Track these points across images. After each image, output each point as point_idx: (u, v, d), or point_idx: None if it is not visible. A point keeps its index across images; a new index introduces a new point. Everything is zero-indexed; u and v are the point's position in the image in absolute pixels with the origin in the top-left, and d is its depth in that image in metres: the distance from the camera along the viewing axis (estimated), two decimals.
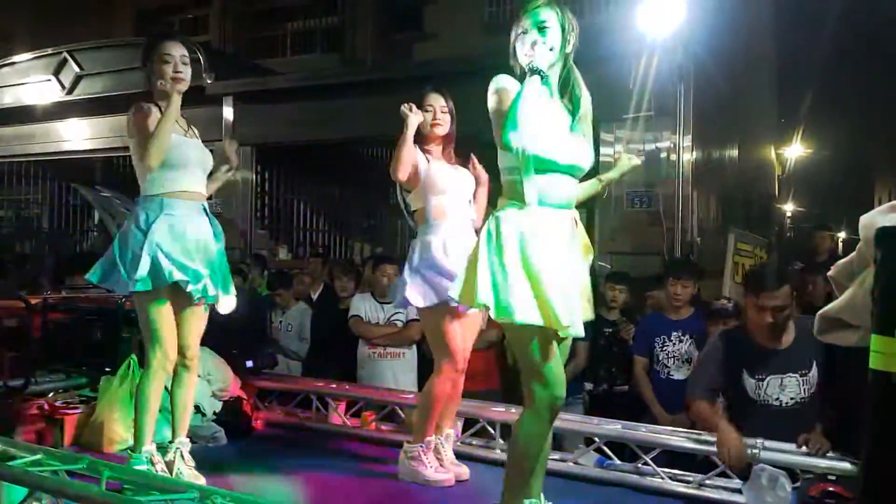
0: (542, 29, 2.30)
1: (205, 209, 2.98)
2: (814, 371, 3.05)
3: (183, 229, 2.83)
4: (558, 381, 2.27)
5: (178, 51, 2.90)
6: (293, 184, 10.29)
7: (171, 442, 2.98)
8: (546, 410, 2.27)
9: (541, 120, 2.25)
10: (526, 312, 2.15)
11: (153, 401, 2.85)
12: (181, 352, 2.94)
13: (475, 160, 3.20)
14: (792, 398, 3.05)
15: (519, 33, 2.34)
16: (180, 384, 2.99)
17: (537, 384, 2.26)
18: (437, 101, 3.16)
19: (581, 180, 2.45)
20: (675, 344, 4.04)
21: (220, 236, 3.00)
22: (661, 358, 4.06)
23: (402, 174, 3.02)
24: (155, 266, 2.74)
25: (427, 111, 3.14)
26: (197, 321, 2.98)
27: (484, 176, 3.19)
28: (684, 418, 3.47)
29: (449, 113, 3.17)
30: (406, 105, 3.06)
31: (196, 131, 3.07)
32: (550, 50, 2.30)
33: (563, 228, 2.29)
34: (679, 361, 4.03)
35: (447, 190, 3.07)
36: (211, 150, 3.09)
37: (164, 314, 2.83)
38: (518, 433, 2.33)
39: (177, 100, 2.81)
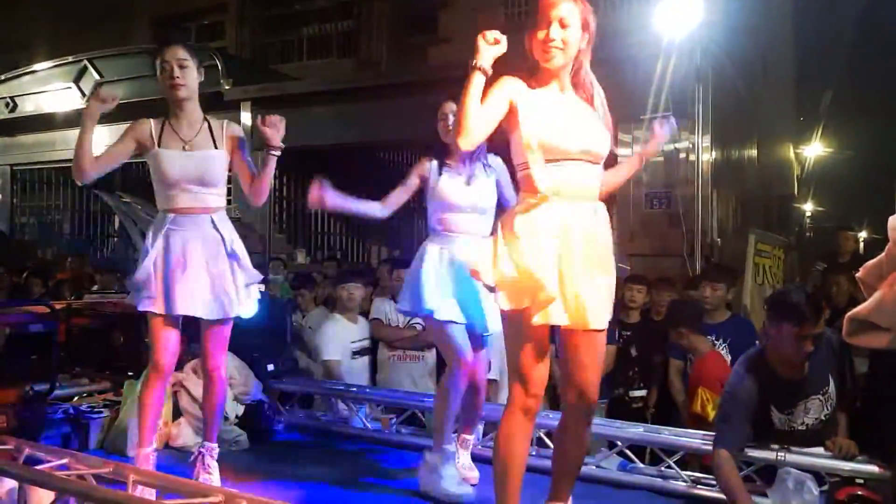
0: (563, 25, 2.22)
1: (212, 221, 2.85)
2: (831, 385, 2.94)
3: (180, 250, 2.80)
4: (533, 381, 2.17)
5: (174, 55, 2.81)
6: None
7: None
8: (520, 411, 2.19)
9: (546, 111, 2.20)
10: (506, 300, 2.14)
11: (145, 405, 2.84)
12: (201, 362, 2.98)
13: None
14: (815, 418, 2.94)
15: (537, 26, 2.24)
16: (205, 392, 3.00)
17: (514, 381, 2.20)
18: (451, 108, 3.01)
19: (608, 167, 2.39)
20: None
21: (231, 246, 2.85)
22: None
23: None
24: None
25: (441, 120, 3.09)
26: (211, 332, 2.87)
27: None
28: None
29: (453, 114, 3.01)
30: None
31: (210, 138, 2.89)
32: (563, 48, 2.22)
33: (569, 221, 2.16)
34: None
35: (454, 207, 3.00)
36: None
37: (156, 327, 2.80)
38: (497, 433, 2.26)
39: (92, 114, 2.83)
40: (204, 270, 2.80)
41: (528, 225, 2.15)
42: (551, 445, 2.84)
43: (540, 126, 2.19)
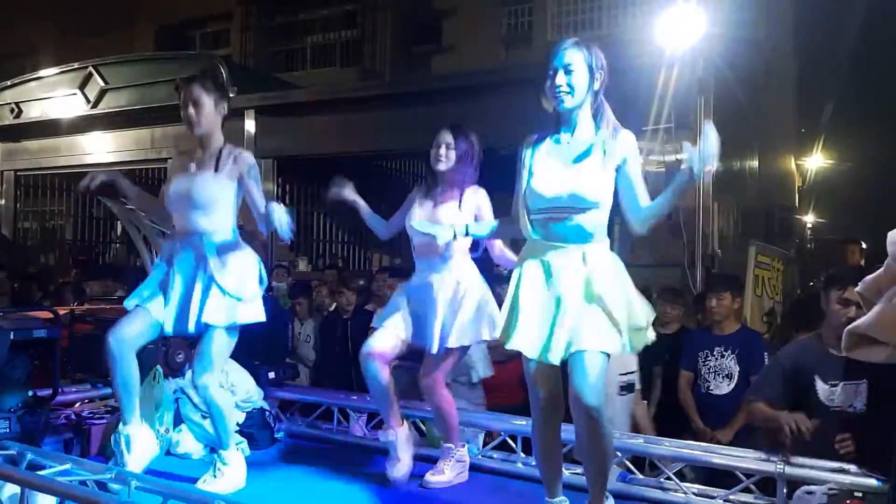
0: (568, 71, 2.38)
1: (199, 243, 2.90)
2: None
3: (169, 267, 2.95)
4: (537, 392, 2.48)
5: (189, 94, 2.90)
6: (313, 196, 10.39)
7: None
8: (538, 412, 2.51)
9: (538, 173, 2.45)
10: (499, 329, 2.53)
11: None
12: None
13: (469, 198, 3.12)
14: (865, 405, 2.97)
15: (548, 73, 2.41)
16: None
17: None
18: (444, 138, 3.12)
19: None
20: (717, 359, 4.05)
21: (210, 269, 2.89)
22: (703, 372, 4.08)
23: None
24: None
25: (435, 147, 3.14)
26: (201, 347, 2.95)
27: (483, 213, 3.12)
28: (723, 436, 3.53)
29: (457, 151, 3.09)
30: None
31: (215, 163, 2.94)
32: (570, 92, 2.39)
33: (550, 263, 2.40)
34: (720, 377, 4.03)
35: (417, 234, 3.06)
36: None
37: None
38: None
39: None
40: (180, 287, 2.91)
41: (517, 270, 2.50)
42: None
43: (530, 185, 2.45)
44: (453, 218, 3.03)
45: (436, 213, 3.10)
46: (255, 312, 2.97)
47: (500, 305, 2.67)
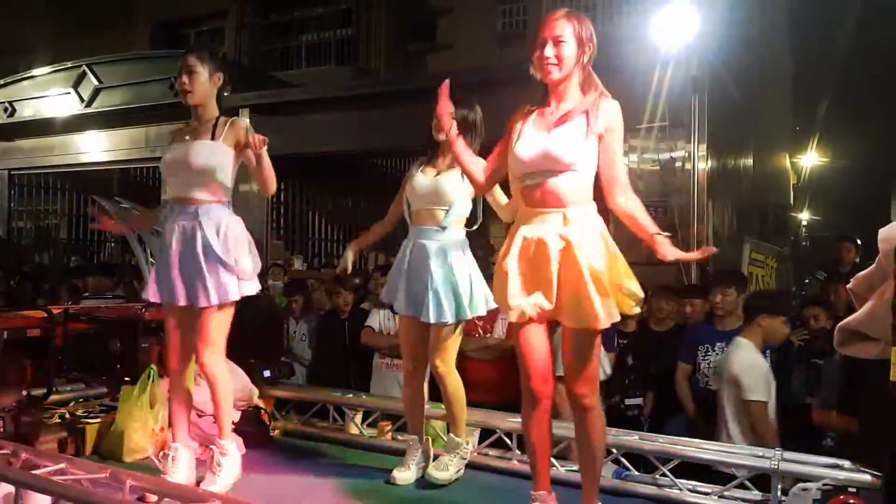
0: (557, 42, 2.37)
1: (195, 213, 2.86)
2: None
3: (168, 240, 2.90)
4: (529, 374, 2.47)
5: (184, 61, 2.93)
6: (308, 194, 10.38)
7: None
8: (528, 397, 2.49)
9: (523, 136, 2.45)
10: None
11: (169, 400, 3.07)
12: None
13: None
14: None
15: (537, 43, 2.40)
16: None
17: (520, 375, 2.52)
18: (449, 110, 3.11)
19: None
20: (717, 354, 4.05)
21: (206, 240, 2.83)
22: (702, 367, 4.09)
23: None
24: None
25: (434, 119, 3.11)
26: (200, 326, 2.87)
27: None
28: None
29: (456, 119, 2.99)
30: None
31: (211, 131, 2.92)
32: (558, 64, 2.39)
33: (535, 228, 2.39)
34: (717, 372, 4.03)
35: (416, 200, 3.12)
36: None
37: (166, 324, 3.02)
38: None
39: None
40: (177, 259, 2.86)
41: (508, 237, 2.49)
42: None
43: (513, 151, 2.46)
44: (456, 188, 3.06)
45: (439, 181, 3.10)
46: (251, 286, 2.94)
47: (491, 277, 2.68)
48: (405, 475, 3.15)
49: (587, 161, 2.41)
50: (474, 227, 3.24)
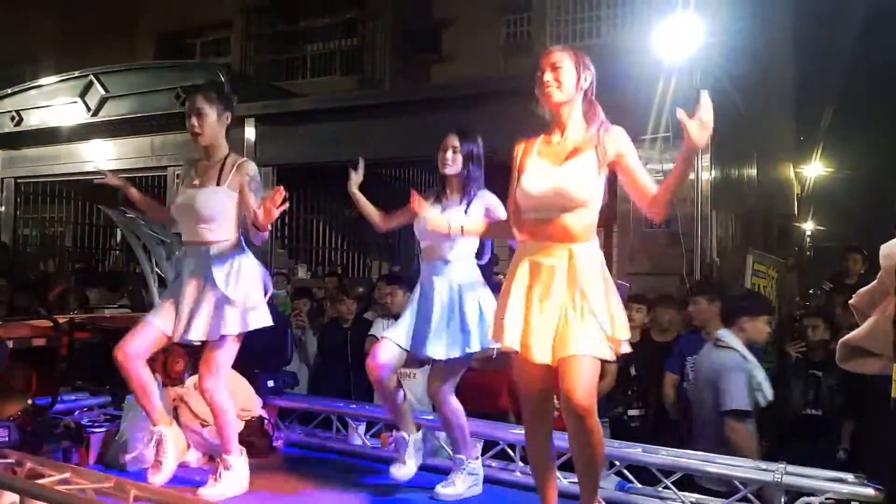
0: (555, 68, 2.47)
1: (206, 254, 2.99)
2: None
3: (180, 278, 3.08)
4: (521, 393, 2.58)
5: (192, 105, 3.00)
6: (312, 203, 10.41)
7: None
8: (526, 415, 2.59)
9: (529, 173, 2.49)
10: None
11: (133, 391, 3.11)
12: None
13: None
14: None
15: (537, 76, 2.50)
16: None
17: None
18: (451, 142, 3.13)
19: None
20: None
21: (214, 280, 2.96)
22: (690, 377, 4.07)
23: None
24: None
25: (442, 151, 3.15)
26: (206, 353, 3.03)
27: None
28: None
29: (462, 154, 3.10)
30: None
31: (218, 175, 3.02)
32: (558, 87, 2.46)
33: (539, 262, 2.42)
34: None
35: (424, 237, 3.11)
36: None
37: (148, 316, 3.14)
38: None
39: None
40: (189, 298, 2.98)
41: (511, 271, 2.53)
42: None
43: (522, 186, 2.49)
44: (459, 221, 3.02)
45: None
46: (261, 318, 3.06)
47: None
48: (403, 471, 3.14)
49: (597, 198, 2.46)
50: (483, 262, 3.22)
